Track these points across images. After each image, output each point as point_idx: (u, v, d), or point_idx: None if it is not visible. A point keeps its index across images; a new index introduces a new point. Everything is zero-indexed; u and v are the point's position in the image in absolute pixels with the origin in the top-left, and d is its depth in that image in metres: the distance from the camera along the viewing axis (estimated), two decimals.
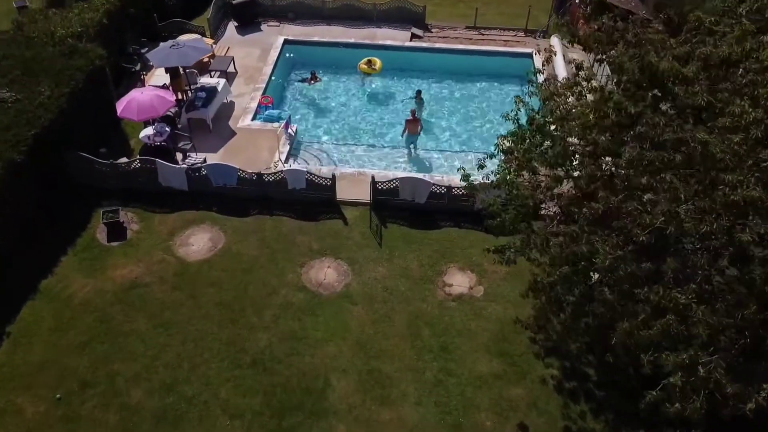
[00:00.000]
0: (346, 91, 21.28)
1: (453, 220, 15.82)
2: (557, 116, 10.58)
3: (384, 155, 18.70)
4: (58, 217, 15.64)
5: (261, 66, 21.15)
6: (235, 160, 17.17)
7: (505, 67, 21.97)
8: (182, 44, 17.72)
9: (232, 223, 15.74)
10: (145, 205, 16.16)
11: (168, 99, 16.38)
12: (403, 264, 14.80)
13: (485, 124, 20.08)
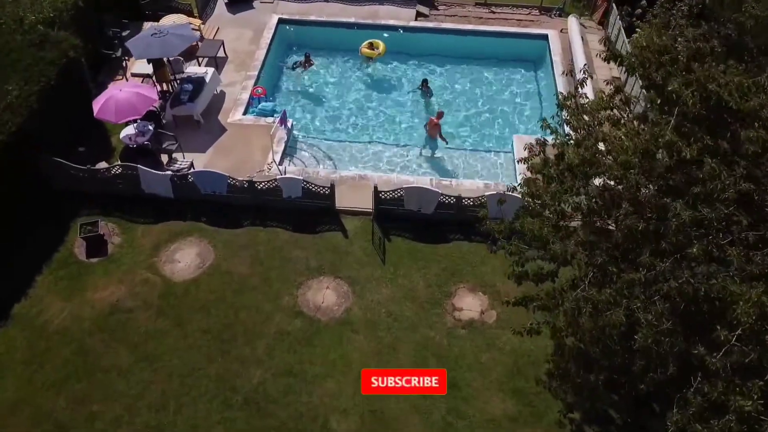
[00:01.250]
0: (346, 78, 19.60)
1: (463, 232, 14.50)
2: (584, 154, 8.99)
3: (389, 154, 17.21)
4: (33, 228, 14.34)
5: (253, 50, 19.45)
6: (225, 162, 15.82)
7: (518, 50, 20.27)
8: (165, 31, 16.04)
9: (222, 235, 14.45)
10: (127, 214, 14.85)
11: (150, 97, 14.85)
12: (409, 284, 13.58)
13: (499, 116, 18.49)
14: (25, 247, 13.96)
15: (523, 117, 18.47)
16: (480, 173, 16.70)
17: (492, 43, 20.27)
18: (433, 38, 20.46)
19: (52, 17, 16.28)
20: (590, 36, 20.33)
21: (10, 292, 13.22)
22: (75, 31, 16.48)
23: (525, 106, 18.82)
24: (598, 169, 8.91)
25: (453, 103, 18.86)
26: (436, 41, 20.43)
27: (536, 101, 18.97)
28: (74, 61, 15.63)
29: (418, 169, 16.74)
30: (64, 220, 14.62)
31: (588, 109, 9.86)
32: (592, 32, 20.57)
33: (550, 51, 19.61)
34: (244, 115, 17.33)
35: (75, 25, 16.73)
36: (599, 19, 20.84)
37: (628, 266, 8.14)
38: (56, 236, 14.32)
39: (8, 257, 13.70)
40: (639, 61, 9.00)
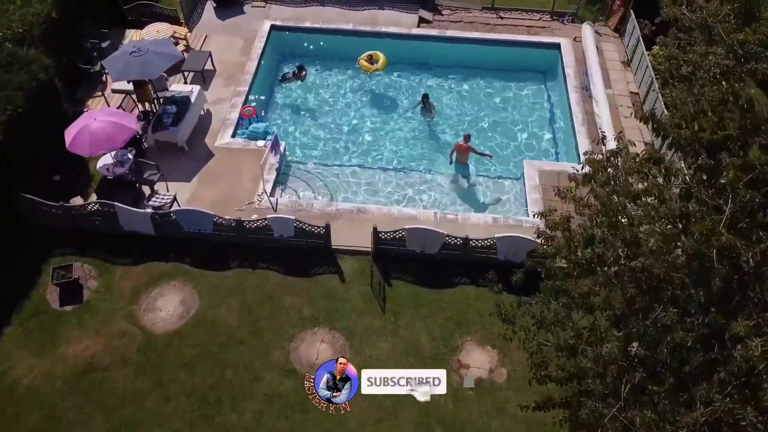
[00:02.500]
0: (343, 92, 18.22)
1: (470, 274, 13.33)
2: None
3: (389, 179, 15.93)
4: (1, 270, 13.18)
5: (244, 61, 18.07)
6: (212, 192, 14.60)
7: (528, 60, 18.87)
8: (145, 49, 14.65)
9: (208, 279, 13.28)
10: (105, 254, 13.66)
11: (128, 127, 13.51)
12: (411, 337, 12.45)
13: (507, 136, 17.13)
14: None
15: (534, 137, 17.13)
16: (488, 202, 15.45)
17: (500, 53, 18.86)
18: (437, 47, 19.06)
19: (22, 33, 14.93)
20: (605, 45, 18.93)
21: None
22: (48, 47, 15.14)
23: (535, 123, 17.46)
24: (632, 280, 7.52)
25: (457, 120, 17.51)
26: (440, 50, 19.03)
27: (547, 118, 17.62)
28: (46, 83, 14.32)
29: (420, 198, 15.50)
30: (37, 261, 13.45)
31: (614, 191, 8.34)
32: (607, 40, 19.15)
33: (562, 62, 18.22)
34: (233, 137, 16.03)
35: (48, 41, 15.37)
36: (615, 25, 19.40)
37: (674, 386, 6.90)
38: (28, 280, 13.16)
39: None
40: (683, 138, 7.46)
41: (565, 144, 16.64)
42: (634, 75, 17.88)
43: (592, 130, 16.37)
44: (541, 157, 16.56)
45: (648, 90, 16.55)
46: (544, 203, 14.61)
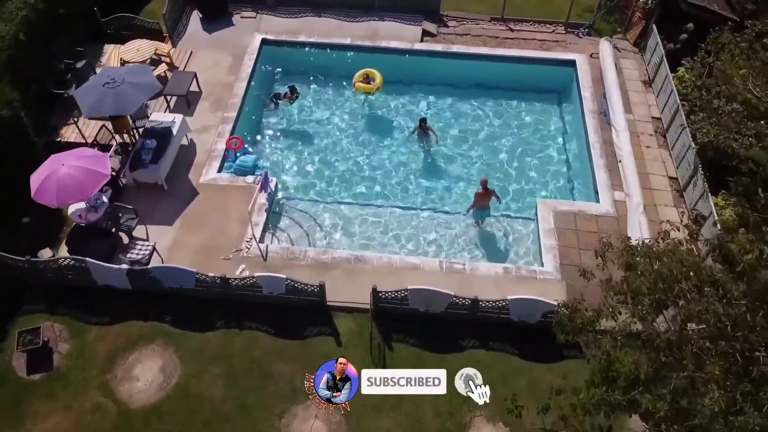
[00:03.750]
0: (338, 117, 16.80)
1: (478, 335, 12.13)
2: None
3: (390, 219, 14.61)
4: None
5: (232, 81, 16.62)
6: (196, 238, 13.35)
7: (540, 79, 17.42)
8: (120, 79, 13.20)
9: (190, 341, 12.06)
10: (77, 311, 12.44)
11: (100, 172, 12.12)
12: (414, 411, 11.27)
13: (517, 167, 15.74)
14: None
15: (547, 169, 15.72)
16: (498, 245, 14.15)
17: (510, 71, 17.43)
18: (441, 63, 17.58)
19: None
20: (625, 62, 17.45)
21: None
22: (14, 74, 13.75)
23: (548, 153, 16.05)
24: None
25: (461, 149, 16.12)
26: (444, 67, 17.56)
27: (562, 146, 16.21)
28: (11, 119, 12.95)
29: (423, 238, 14.19)
30: (1, 320, 12.24)
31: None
32: (626, 56, 17.67)
33: (578, 82, 16.76)
34: (219, 172, 14.68)
35: (14, 66, 13.94)
36: (635, 39, 17.88)
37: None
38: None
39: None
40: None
41: (582, 178, 15.29)
42: (656, 97, 16.43)
43: (612, 162, 15.02)
44: (555, 192, 15.22)
45: (672, 118, 15.13)
46: (559, 250, 13.34)
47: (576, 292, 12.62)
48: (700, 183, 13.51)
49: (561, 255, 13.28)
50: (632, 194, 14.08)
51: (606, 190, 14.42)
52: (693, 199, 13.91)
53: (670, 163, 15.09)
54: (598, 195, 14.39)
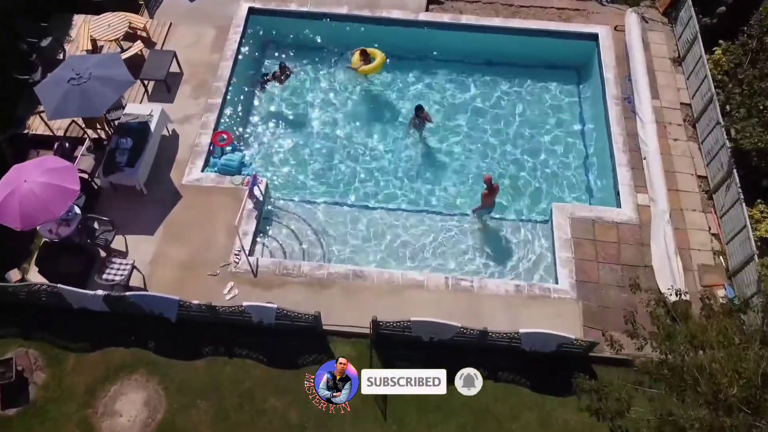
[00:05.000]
0: (333, 101, 15.22)
1: (487, 365, 11.19)
2: None
3: (391, 222, 13.39)
4: None
5: (216, 60, 14.98)
6: (180, 250, 12.35)
7: (557, 54, 15.74)
8: (86, 74, 11.67)
9: (176, 371, 11.18)
10: (53, 336, 11.50)
11: (69, 188, 10.81)
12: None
13: (528, 161, 14.34)
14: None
15: (562, 162, 14.33)
16: (508, 251, 13.01)
17: (524, 44, 15.66)
18: (448, 37, 15.81)
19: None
20: (652, 34, 15.69)
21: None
22: None
23: (564, 144, 14.61)
24: None
25: (468, 140, 14.64)
26: (451, 41, 15.82)
27: (579, 137, 14.74)
28: None
29: (426, 245, 13.05)
30: None
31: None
32: (654, 28, 15.88)
33: (600, 61, 15.08)
34: (204, 171, 13.36)
35: None
36: (664, 8, 16.02)
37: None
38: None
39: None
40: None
41: (602, 177, 13.95)
42: (686, 79, 14.82)
43: (635, 158, 13.65)
44: (569, 189, 13.92)
45: (704, 108, 13.62)
46: (576, 264, 12.24)
47: (593, 313, 11.78)
48: (734, 189, 12.24)
49: (577, 269, 12.19)
50: (657, 199, 12.80)
51: (628, 192, 13.14)
52: (724, 205, 12.66)
53: (700, 158, 13.71)
54: (619, 197, 13.12)
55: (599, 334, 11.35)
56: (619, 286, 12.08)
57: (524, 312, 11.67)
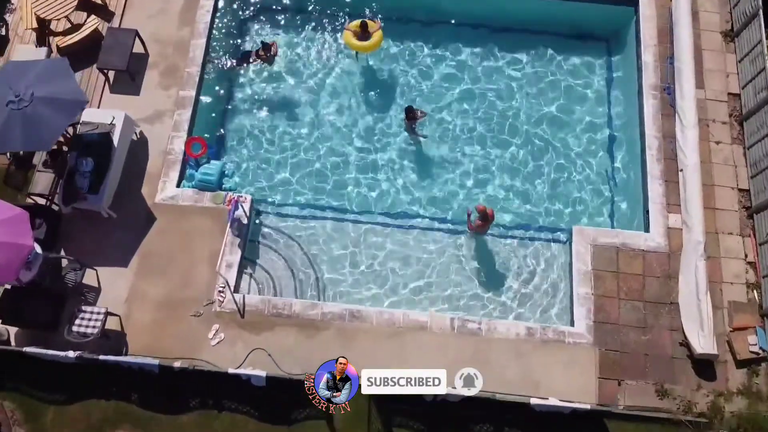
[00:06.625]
0: (326, 86, 13.18)
1: (493, 419, 10.49)
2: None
3: (389, 242, 12.02)
4: None
5: (186, 38, 12.78)
6: (157, 286, 11.28)
7: (583, 21, 13.45)
8: (28, 95, 9.76)
9: (162, 428, 10.47)
10: (30, 386, 10.68)
11: (20, 244, 9.41)
12: None
13: (544, 166, 12.61)
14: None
15: (583, 166, 12.59)
16: (518, 284, 11.78)
17: (543, 8, 13.27)
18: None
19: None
20: (702, 1, 13.18)
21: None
22: None
23: (586, 140, 12.78)
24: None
25: (467, 140, 12.77)
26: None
27: (604, 134, 12.87)
28: None
29: (425, 271, 11.82)
30: None
31: None
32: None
33: (638, 35, 12.82)
34: (180, 186, 11.78)
35: None
36: None
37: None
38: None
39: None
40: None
41: (628, 192, 12.30)
42: (738, 62, 12.66)
43: (670, 167, 11.96)
44: (589, 199, 12.38)
45: (758, 108, 11.69)
46: (595, 301, 11.12)
47: (610, 361, 10.88)
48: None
49: (596, 308, 11.08)
50: (692, 226, 11.30)
51: (659, 211, 11.64)
52: (766, 231, 11.24)
53: (743, 167, 12.04)
54: (647, 217, 11.66)
55: (615, 385, 10.73)
56: (640, 327, 11.06)
57: (536, 359, 10.76)
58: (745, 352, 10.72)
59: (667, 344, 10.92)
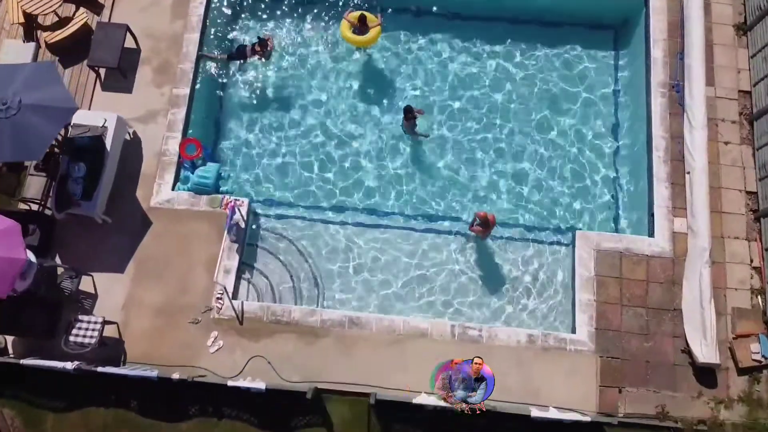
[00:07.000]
0: (325, 83, 12.79)
1: (494, 428, 10.49)
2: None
3: (389, 246, 11.81)
4: None
5: (179, 30, 12.34)
6: (154, 292, 11.14)
7: (589, 9, 12.99)
8: (15, 102, 9.43)
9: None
10: (29, 392, 10.66)
11: (13, 258, 9.25)
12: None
13: (544, 161, 12.33)
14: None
15: (585, 166, 12.33)
16: (520, 290, 11.65)
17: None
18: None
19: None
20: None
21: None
22: None
23: (590, 137, 12.47)
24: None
25: (469, 141, 12.45)
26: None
27: (608, 130, 12.54)
28: None
29: (426, 274, 11.67)
30: None
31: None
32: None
33: (647, 31, 12.39)
34: (175, 189, 11.53)
35: None
36: None
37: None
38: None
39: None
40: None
41: (632, 194, 12.04)
42: (750, 57, 12.25)
43: (677, 169, 11.67)
44: (590, 199, 12.13)
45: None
46: (597, 308, 10.99)
47: (611, 369, 10.82)
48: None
49: (598, 315, 10.97)
50: (698, 231, 11.08)
51: (664, 216, 11.41)
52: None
53: (752, 169, 11.76)
54: (653, 221, 11.44)
55: (616, 393, 10.70)
56: (642, 333, 10.97)
57: (537, 367, 10.68)
58: (747, 360, 10.64)
59: (669, 351, 10.84)
